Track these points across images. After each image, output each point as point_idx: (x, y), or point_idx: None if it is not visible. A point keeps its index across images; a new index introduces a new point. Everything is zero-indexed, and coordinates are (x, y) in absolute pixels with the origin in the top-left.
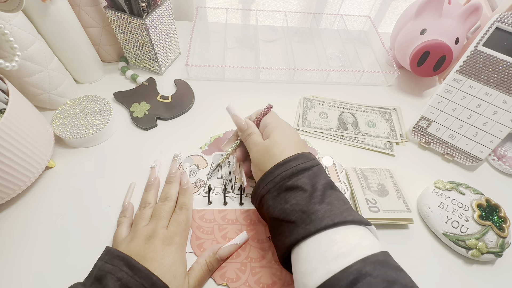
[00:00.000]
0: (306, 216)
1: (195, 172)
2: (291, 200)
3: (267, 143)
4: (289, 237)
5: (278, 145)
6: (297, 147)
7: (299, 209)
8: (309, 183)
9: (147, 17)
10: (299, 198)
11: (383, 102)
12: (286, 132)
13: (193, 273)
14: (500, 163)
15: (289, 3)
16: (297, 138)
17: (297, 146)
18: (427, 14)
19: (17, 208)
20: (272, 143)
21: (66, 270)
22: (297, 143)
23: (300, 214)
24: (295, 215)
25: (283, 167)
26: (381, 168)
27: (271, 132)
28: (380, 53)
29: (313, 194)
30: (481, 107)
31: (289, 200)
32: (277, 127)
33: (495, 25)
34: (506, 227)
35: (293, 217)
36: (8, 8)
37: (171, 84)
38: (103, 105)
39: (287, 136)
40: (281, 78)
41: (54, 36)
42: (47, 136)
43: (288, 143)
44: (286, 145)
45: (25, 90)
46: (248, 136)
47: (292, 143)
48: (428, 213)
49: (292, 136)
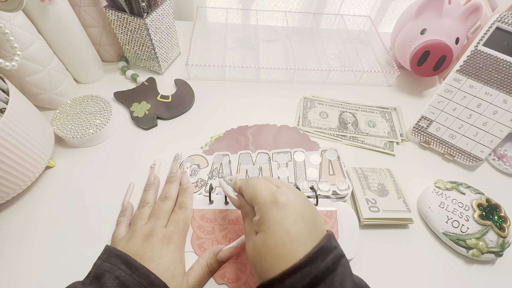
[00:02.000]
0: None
1: (196, 172)
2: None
3: (261, 240)
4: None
5: (279, 240)
6: (309, 229)
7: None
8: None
9: (147, 17)
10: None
11: (383, 102)
12: (289, 212)
13: (193, 273)
14: (500, 163)
15: (289, 3)
16: (307, 212)
17: (309, 228)
18: (427, 14)
19: (17, 208)
20: (269, 240)
21: (66, 269)
22: (308, 222)
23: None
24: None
25: (298, 276)
26: (381, 168)
27: (263, 221)
28: (380, 53)
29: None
30: (481, 107)
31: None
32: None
33: (495, 24)
34: (506, 226)
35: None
36: (8, 8)
37: (171, 84)
38: (103, 105)
39: (292, 218)
40: (281, 78)
41: (55, 36)
42: (47, 136)
43: (295, 229)
44: (293, 235)
45: (26, 89)
46: (243, 219)
47: (300, 226)
48: (429, 212)
49: (299, 214)
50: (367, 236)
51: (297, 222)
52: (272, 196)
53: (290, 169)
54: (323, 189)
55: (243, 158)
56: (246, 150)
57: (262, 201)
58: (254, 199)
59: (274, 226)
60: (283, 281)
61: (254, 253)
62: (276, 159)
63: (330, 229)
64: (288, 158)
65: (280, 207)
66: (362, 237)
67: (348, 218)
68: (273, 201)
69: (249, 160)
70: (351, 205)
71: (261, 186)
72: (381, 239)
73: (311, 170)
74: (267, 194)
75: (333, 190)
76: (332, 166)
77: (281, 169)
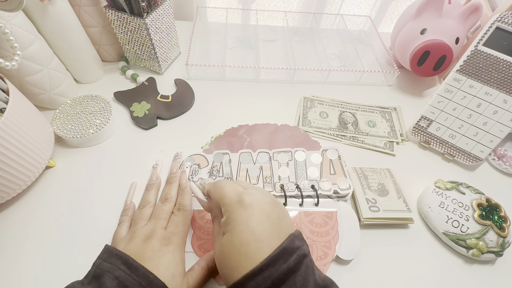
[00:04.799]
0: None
1: (197, 172)
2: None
3: (227, 240)
4: None
5: (244, 239)
6: (275, 228)
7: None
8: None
9: (147, 17)
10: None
11: (383, 101)
12: (255, 212)
13: (193, 274)
14: (500, 162)
15: (289, 3)
16: (273, 212)
17: (275, 227)
18: (427, 14)
19: (17, 208)
20: (234, 239)
21: (66, 269)
22: (274, 221)
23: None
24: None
25: (259, 279)
26: (381, 167)
27: (229, 221)
28: (380, 53)
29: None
30: (481, 106)
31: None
32: (237, 207)
33: (496, 24)
34: (506, 226)
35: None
36: (8, 8)
37: (171, 84)
38: (103, 105)
39: (258, 217)
40: (281, 78)
41: (55, 36)
42: (47, 136)
43: (260, 228)
44: (258, 234)
45: (26, 89)
46: (213, 221)
47: (265, 225)
48: (429, 212)
49: (265, 213)
50: (368, 236)
51: (262, 221)
52: (239, 196)
53: (291, 168)
54: (324, 188)
55: (244, 157)
56: (247, 150)
57: (228, 202)
58: (220, 201)
59: (240, 226)
60: (245, 284)
61: (220, 255)
62: (276, 158)
63: (331, 230)
64: (289, 157)
65: (246, 207)
66: (363, 237)
67: (349, 218)
68: (239, 201)
69: (250, 159)
70: (351, 205)
71: (228, 188)
72: (381, 239)
73: (312, 169)
74: (233, 195)
75: (334, 190)
76: (333, 166)
77: (282, 168)
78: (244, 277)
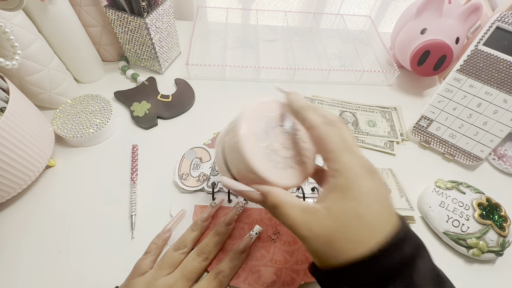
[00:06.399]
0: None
1: (198, 166)
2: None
3: (347, 208)
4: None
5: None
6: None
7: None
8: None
9: (147, 17)
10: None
11: (384, 101)
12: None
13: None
14: (501, 162)
15: (289, 3)
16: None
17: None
18: (427, 14)
19: (17, 207)
20: (362, 209)
21: (66, 269)
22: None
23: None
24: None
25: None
26: (383, 168)
27: (352, 188)
28: (380, 52)
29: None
30: (482, 106)
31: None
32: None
33: (496, 24)
34: (506, 226)
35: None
36: (8, 7)
37: (171, 83)
38: (103, 104)
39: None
40: (282, 78)
41: (55, 35)
42: (47, 135)
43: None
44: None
45: (26, 89)
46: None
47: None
48: (429, 212)
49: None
50: None
51: (386, 191)
52: (365, 162)
53: None
54: None
55: None
56: None
57: (352, 165)
58: (336, 156)
59: (367, 194)
60: (378, 259)
61: (332, 225)
62: None
63: None
64: None
65: (371, 175)
66: None
67: None
68: (369, 168)
69: None
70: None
71: (353, 147)
72: None
73: None
74: (357, 159)
75: None
76: None
77: None
78: (380, 250)
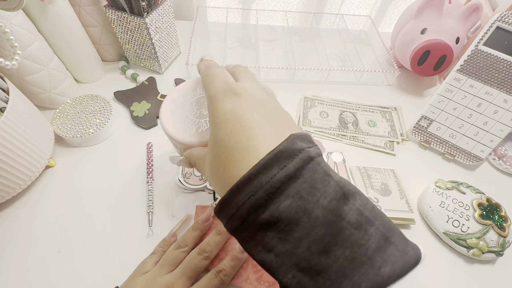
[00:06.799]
0: (308, 280)
1: None
2: (274, 246)
3: (212, 138)
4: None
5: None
6: (270, 120)
7: (293, 264)
8: (300, 208)
9: (147, 16)
10: None
11: (384, 101)
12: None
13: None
14: (501, 162)
15: (289, 2)
16: (268, 103)
17: (270, 119)
18: (427, 14)
19: (17, 207)
20: (219, 132)
21: (66, 269)
22: (268, 111)
23: (298, 275)
24: (288, 277)
25: (248, 189)
26: (385, 168)
27: (212, 116)
28: (381, 52)
29: (311, 232)
30: (482, 106)
31: (272, 246)
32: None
33: (496, 24)
34: (506, 226)
35: (285, 278)
36: (8, 7)
37: (171, 83)
38: (103, 104)
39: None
40: (282, 78)
41: (55, 35)
42: (47, 135)
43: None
44: (247, 122)
45: (26, 89)
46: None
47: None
48: (429, 212)
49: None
50: None
51: (252, 110)
52: (227, 86)
53: None
54: None
55: None
56: None
57: (214, 93)
58: (206, 92)
59: (224, 116)
60: (232, 199)
61: (210, 159)
62: None
63: None
64: None
65: (231, 97)
66: None
67: None
68: (226, 91)
69: None
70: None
71: (218, 77)
72: None
73: None
74: (221, 84)
75: None
76: (337, 169)
77: None
78: (231, 191)
